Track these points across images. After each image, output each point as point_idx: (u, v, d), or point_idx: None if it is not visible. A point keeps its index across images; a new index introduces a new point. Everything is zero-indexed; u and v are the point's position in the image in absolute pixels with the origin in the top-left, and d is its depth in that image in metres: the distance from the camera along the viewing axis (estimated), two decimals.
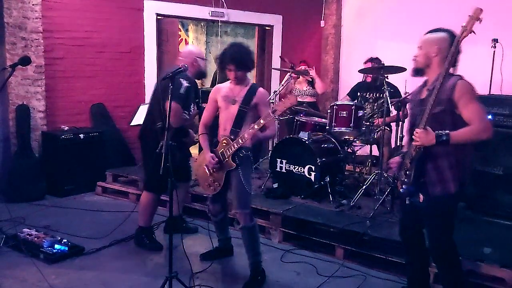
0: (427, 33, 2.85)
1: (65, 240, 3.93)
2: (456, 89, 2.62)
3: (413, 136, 2.67)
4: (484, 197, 4.26)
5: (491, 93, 4.91)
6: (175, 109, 3.69)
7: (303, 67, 6.30)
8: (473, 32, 2.49)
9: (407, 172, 2.75)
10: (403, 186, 2.77)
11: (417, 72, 2.87)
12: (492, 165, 4.23)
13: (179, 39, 9.59)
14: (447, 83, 2.63)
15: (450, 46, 2.67)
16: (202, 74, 4.21)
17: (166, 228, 4.40)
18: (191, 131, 4.06)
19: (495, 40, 5.10)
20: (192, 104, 4.02)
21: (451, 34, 2.74)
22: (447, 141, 2.56)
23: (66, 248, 3.85)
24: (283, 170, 4.97)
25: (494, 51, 5.18)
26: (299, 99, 6.24)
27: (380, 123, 4.99)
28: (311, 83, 6.40)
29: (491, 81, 5.19)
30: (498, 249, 3.58)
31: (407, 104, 3.11)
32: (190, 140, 4.07)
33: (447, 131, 2.58)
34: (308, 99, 6.35)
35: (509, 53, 5.19)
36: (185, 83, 3.76)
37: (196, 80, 4.15)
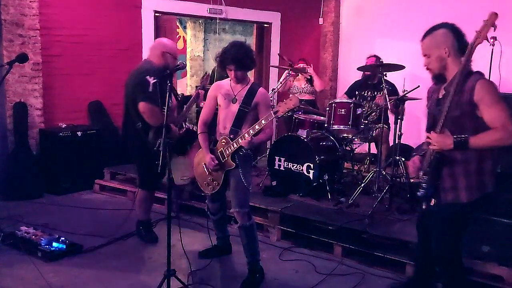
0: (425, 35, 2.67)
1: (63, 238, 3.91)
2: (476, 90, 2.46)
3: (428, 140, 2.57)
4: (485, 194, 4.25)
5: None
6: (148, 110, 3.66)
7: (301, 65, 6.30)
8: (487, 39, 2.40)
9: (424, 176, 2.66)
10: (420, 189, 2.68)
11: (438, 78, 2.71)
12: (492, 161, 4.22)
13: (177, 36, 9.57)
14: (466, 83, 2.50)
15: (454, 39, 2.59)
16: (168, 69, 3.82)
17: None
18: (172, 126, 3.94)
19: (494, 38, 5.09)
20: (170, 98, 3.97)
21: (450, 27, 2.62)
22: (465, 146, 2.44)
23: (64, 246, 3.84)
24: (282, 168, 4.97)
25: (493, 49, 5.18)
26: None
27: (381, 102, 4.92)
28: (310, 81, 6.39)
29: (489, 79, 5.19)
30: (497, 247, 3.58)
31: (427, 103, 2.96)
32: (173, 136, 3.97)
33: (466, 136, 2.45)
34: (306, 96, 6.34)
35: (507, 51, 5.19)
36: (151, 80, 3.66)
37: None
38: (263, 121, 3.20)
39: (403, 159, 4.75)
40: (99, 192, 5.65)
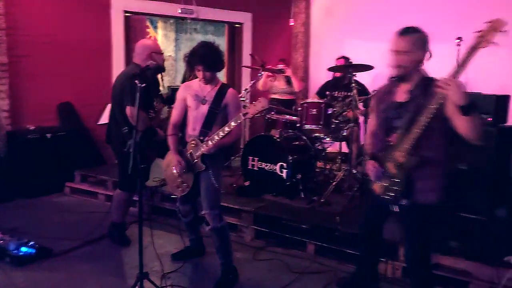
0: (407, 32, 2.61)
1: (33, 242, 3.84)
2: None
3: (443, 83, 2.42)
4: (450, 192, 4.37)
5: None
6: (136, 114, 3.64)
7: (281, 66, 6.32)
8: (495, 43, 2.31)
9: (395, 180, 2.69)
10: (390, 193, 2.71)
11: (403, 78, 2.70)
12: (457, 160, 4.35)
13: (148, 36, 9.48)
14: (432, 88, 2.53)
15: (426, 46, 2.63)
16: (159, 69, 3.97)
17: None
18: (159, 130, 3.99)
19: (460, 38, 5.22)
20: (155, 100, 3.99)
21: (424, 33, 2.65)
22: (473, 109, 2.40)
23: (34, 251, 3.76)
24: (255, 168, 4.98)
25: (459, 49, 5.31)
26: (278, 97, 6.32)
27: (351, 116, 5.01)
28: (289, 81, 6.42)
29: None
30: (464, 242, 3.68)
31: (373, 106, 3.03)
32: (160, 139, 3.99)
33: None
34: (286, 96, 6.39)
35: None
36: (140, 84, 3.66)
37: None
38: (232, 123, 3.19)
39: None
40: (69, 195, 5.57)
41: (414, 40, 2.61)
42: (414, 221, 2.79)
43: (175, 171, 3.49)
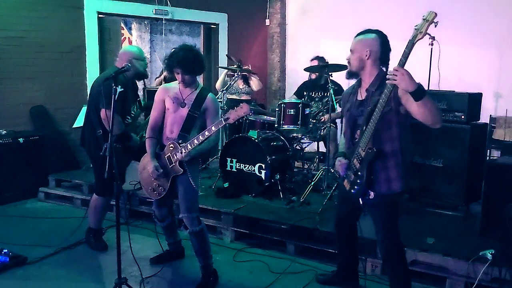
0: (357, 35, 2.90)
1: (6, 250, 3.75)
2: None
3: (392, 75, 2.49)
4: (426, 189, 4.45)
5: (429, 89, 5.12)
6: (110, 118, 3.60)
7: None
8: (429, 34, 2.49)
9: (359, 173, 2.79)
10: (355, 186, 2.80)
11: (352, 75, 2.94)
12: (432, 157, 4.43)
13: (122, 37, 9.37)
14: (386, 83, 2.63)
15: (380, 47, 2.80)
16: (140, 76, 4.02)
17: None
18: (133, 135, 3.96)
19: (432, 38, 5.31)
20: (133, 106, 3.95)
21: (381, 35, 2.83)
22: (422, 95, 2.47)
23: (7, 259, 3.67)
24: (234, 169, 4.97)
25: (432, 49, 5.39)
26: (235, 97, 6.30)
27: (326, 119, 5.09)
28: (247, 81, 6.42)
29: (429, 77, 5.41)
30: (441, 238, 3.74)
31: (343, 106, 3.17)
32: (135, 144, 3.95)
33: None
34: (244, 97, 6.38)
35: (445, 51, 5.42)
36: (118, 89, 3.57)
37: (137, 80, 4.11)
38: (213, 128, 3.17)
39: None
40: (44, 200, 5.45)
41: (358, 40, 2.87)
42: (382, 212, 2.89)
43: (151, 174, 3.44)
